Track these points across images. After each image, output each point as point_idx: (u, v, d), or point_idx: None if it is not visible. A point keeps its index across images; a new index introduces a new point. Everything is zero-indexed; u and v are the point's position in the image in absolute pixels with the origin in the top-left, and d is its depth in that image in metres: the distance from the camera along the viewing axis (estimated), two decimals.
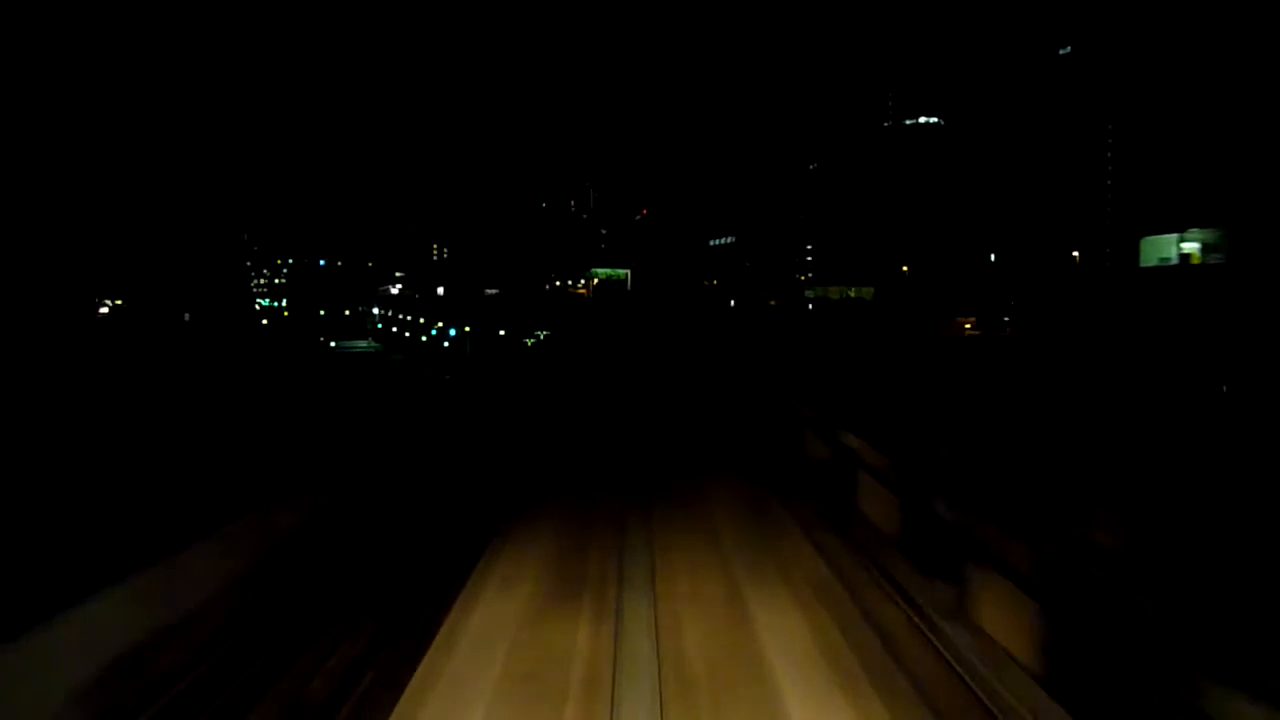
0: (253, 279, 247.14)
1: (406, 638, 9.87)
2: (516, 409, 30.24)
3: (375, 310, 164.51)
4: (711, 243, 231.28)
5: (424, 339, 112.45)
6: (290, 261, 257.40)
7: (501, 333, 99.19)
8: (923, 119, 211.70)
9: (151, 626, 7.65)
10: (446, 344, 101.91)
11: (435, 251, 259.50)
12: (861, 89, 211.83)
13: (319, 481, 12.74)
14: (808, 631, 10.22)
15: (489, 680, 8.98)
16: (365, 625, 9.98)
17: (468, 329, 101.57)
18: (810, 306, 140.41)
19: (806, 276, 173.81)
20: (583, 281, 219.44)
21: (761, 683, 8.95)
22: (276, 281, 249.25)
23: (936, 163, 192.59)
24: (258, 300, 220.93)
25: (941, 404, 27.41)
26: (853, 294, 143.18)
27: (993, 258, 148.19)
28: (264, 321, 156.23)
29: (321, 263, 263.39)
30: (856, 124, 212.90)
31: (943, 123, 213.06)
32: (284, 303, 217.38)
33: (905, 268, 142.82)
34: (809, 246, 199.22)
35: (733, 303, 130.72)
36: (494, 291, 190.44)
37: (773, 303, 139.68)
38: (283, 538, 10.59)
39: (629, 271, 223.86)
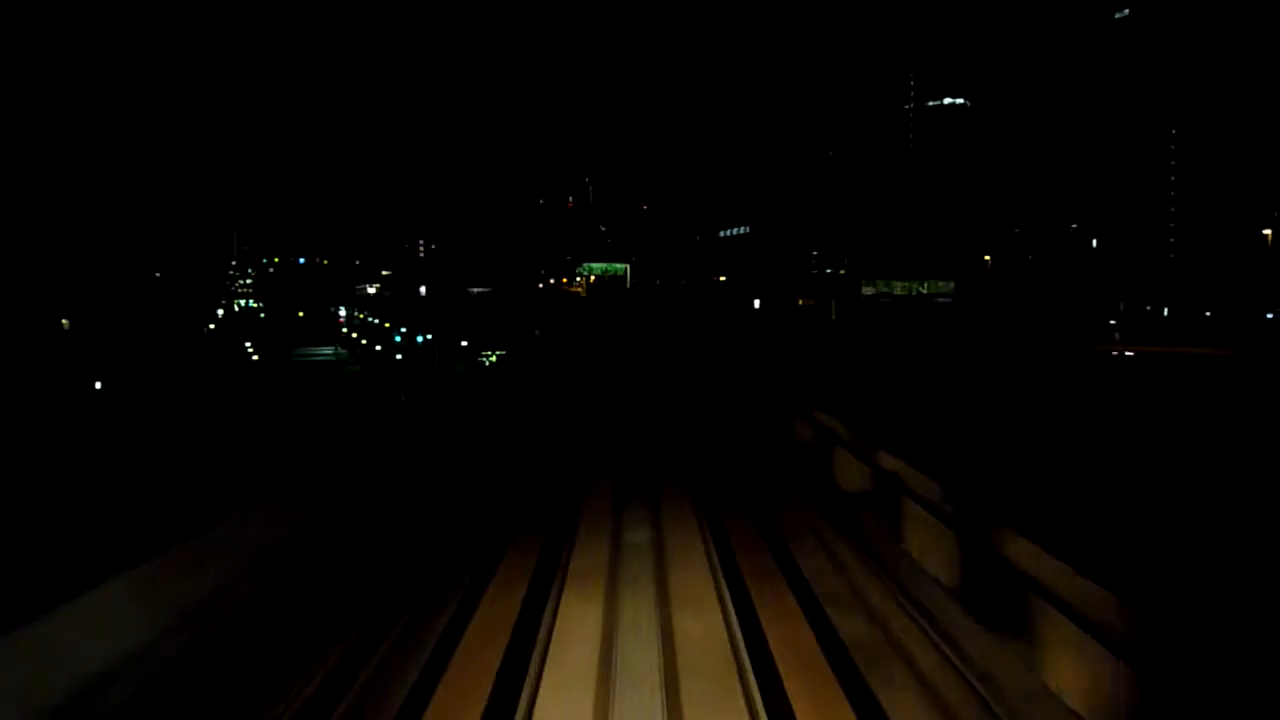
0: (236, 278, 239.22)
1: None
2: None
3: (342, 312, 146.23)
4: (722, 234, 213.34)
5: (379, 348, 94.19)
6: (276, 260, 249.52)
7: (465, 344, 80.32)
8: (947, 100, 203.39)
9: None
10: (400, 356, 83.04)
11: (422, 249, 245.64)
12: (880, 70, 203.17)
13: None
14: None
15: None
16: None
17: (429, 336, 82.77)
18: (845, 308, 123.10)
19: (841, 272, 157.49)
20: (578, 278, 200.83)
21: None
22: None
23: (982, 145, 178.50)
24: (239, 301, 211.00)
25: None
26: (924, 289, 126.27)
27: (1094, 244, 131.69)
28: (210, 327, 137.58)
29: (301, 260, 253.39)
30: (877, 106, 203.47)
31: (968, 103, 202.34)
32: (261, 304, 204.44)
33: (987, 258, 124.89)
34: (844, 237, 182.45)
35: (757, 303, 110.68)
36: (479, 290, 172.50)
37: (802, 302, 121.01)
38: None
39: (628, 266, 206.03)
